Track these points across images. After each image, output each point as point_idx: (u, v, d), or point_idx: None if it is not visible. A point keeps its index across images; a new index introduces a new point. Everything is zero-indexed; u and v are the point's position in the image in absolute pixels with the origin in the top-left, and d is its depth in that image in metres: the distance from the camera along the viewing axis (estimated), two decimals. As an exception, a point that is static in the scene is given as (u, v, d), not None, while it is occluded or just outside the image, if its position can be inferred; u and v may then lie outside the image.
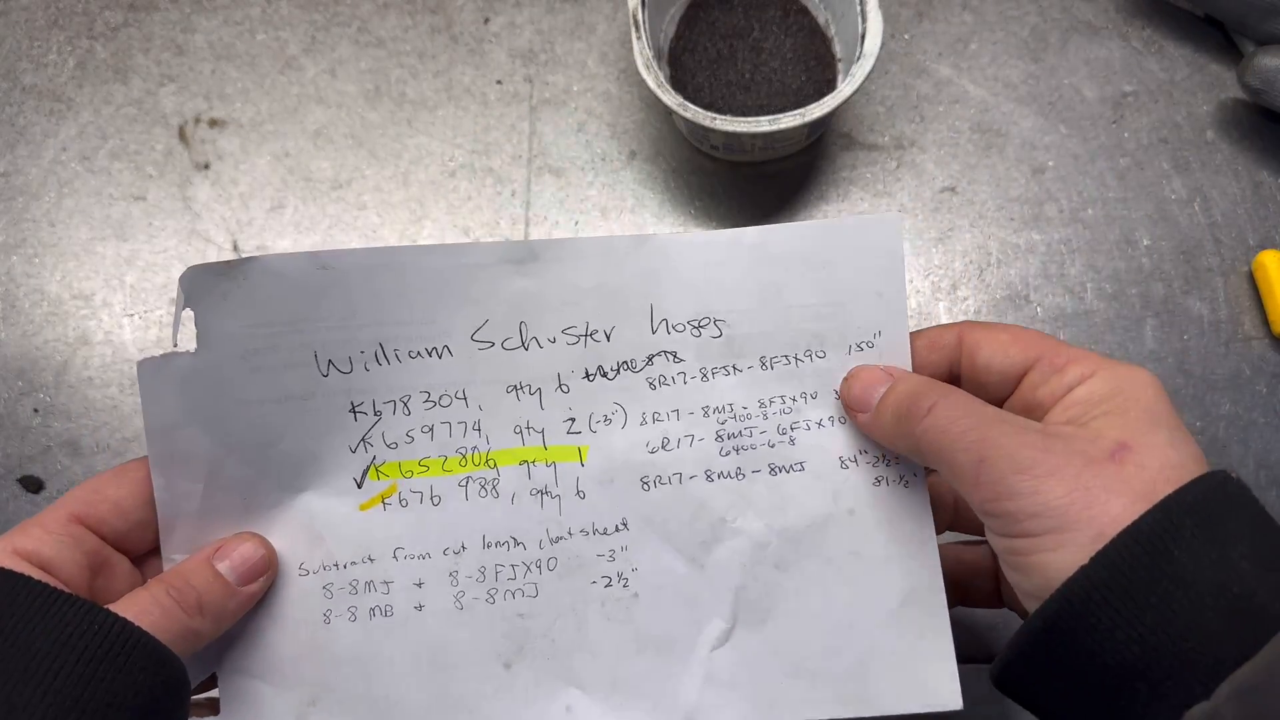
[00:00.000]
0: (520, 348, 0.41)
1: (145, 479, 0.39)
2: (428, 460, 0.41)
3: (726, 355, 0.41)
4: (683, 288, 0.41)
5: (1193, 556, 0.30)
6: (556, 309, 0.41)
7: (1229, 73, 0.61)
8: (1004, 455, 0.33)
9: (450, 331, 0.41)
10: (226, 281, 0.39)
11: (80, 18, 0.64)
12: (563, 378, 0.41)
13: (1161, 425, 0.33)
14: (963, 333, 0.39)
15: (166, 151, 0.61)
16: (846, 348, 0.41)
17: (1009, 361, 0.38)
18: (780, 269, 0.41)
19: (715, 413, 0.41)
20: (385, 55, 0.63)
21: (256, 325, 0.39)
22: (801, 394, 0.41)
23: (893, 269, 0.41)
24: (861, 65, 0.52)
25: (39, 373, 0.57)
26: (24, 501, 0.55)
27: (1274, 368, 0.56)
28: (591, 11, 0.63)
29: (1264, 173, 0.59)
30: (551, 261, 0.41)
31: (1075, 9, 0.63)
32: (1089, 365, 0.36)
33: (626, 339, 0.41)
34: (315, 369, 0.40)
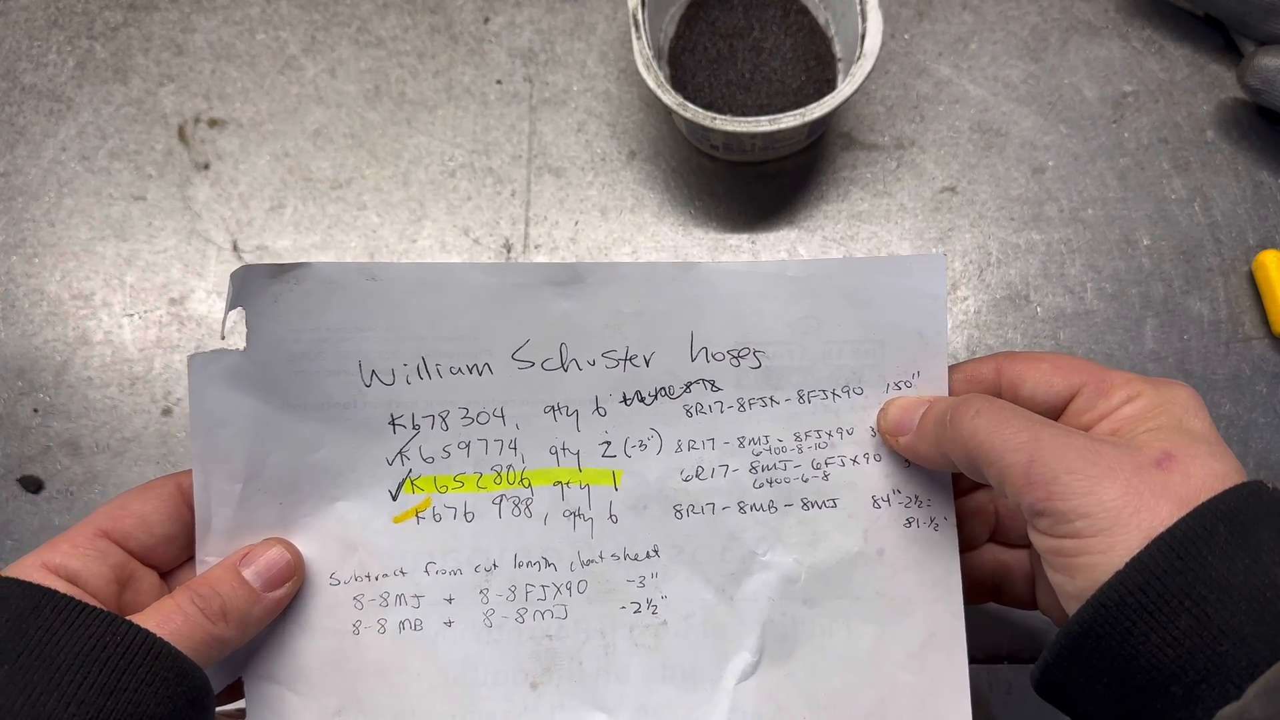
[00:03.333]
0: (560, 369, 0.41)
1: (172, 495, 0.40)
2: (463, 476, 0.41)
3: (764, 386, 0.42)
4: (724, 317, 0.41)
5: (1226, 561, 0.30)
6: (597, 332, 0.41)
7: (1229, 73, 0.61)
8: (1055, 456, 0.33)
9: (492, 349, 0.41)
10: (278, 284, 0.39)
11: (80, 17, 0.64)
12: (600, 401, 0.41)
13: (1203, 438, 0.34)
14: (1001, 365, 0.40)
15: (166, 151, 0.61)
16: (884, 386, 0.41)
17: (1053, 391, 0.38)
18: (822, 303, 0.41)
19: (751, 444, 0.42)
20: (385, 55, 0.63)
21: (305, 330, 0.40)
22: (838, 429, 0.42)
23: (935, 310, 0.41)
24: (861, 65, 0.52)
25: (38, 373, 0.57)
26: (24, 501, 0.55)
27: (1274, 368, 0.56)
28: (591, 11, 0.63)
29: (1264, 173, 0.59)
30: (595, 285, 0.41)
31: (1075, 9, 0.63)
32: (1134, 387, 0.36)
33: (665, 365, 0.41)
34: (359, 378, 0.40)
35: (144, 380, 0.57)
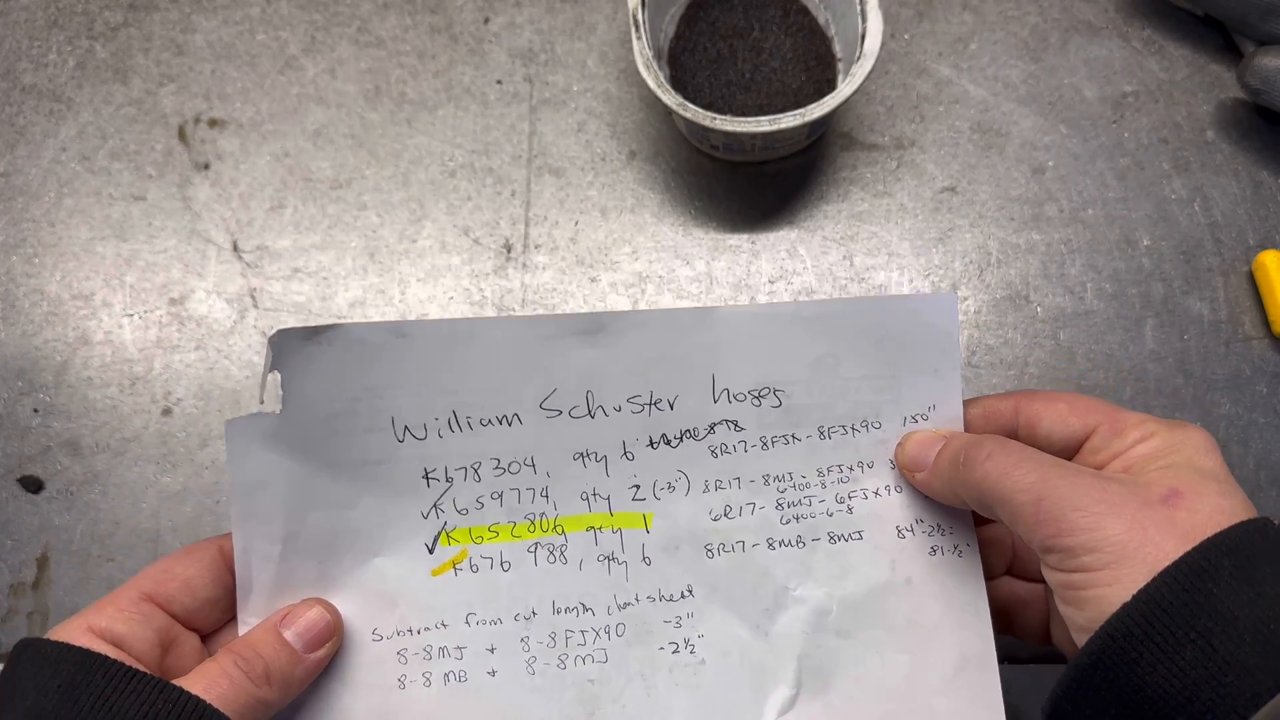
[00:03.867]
0: (587, 416, 0.42)
1: (214, 559, 0.40)
2: (497, 526, 0.42)
3: (785, 424, 0.43)
4: (743, 358, 0.42)
5: (1231, 594, 0.31)
6: (622, 378, 0.42)
7: (1229, 73, 0.61)
8: (1063, 494, 0.34)
9: (520, 400, 0.42)
10: (312, 346, 0.40)
11: (80, 18, 0.64)
12: (628, 445, 0.43)
13: (1212, 477, 0.35)
14: (1019, 404, 0.41)
15: (166, 151, 0.61)
16: (902, 419, 0.43)
17: (1069, 430, 0.39)
18: (839, 342, 0.42)
19: (775, 481, 0.43)
20: (385, 55, 0.63)
21: (339, 390, 0.41)
22: (858, 463, 0.43)
23: (948, 346, 0.42)
24: (861, 65, 0.52)
25: (39, 373, 0.57)
26: (24, 501, 0.55)
27: (1274, 368, 0.56)
28: (591, 11, 0.63)
29: (1264, 173, 0.59)
30: (618, 333, 0.42)
31: (1075, 9, 0.63)
32: (1148, 427, 0.37)
33: (689, 408, 0.42)
34: (392, 434, 0.41)
35: (144, 380, 0.57)
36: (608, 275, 0.58)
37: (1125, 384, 0.56)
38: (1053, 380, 0.56)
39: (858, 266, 0.58)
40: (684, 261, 0.59)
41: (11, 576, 0.54)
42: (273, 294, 0.58)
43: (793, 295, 0.58)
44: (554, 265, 0.59)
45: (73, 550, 0.54)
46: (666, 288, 0.58)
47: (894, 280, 0.58)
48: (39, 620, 0.53)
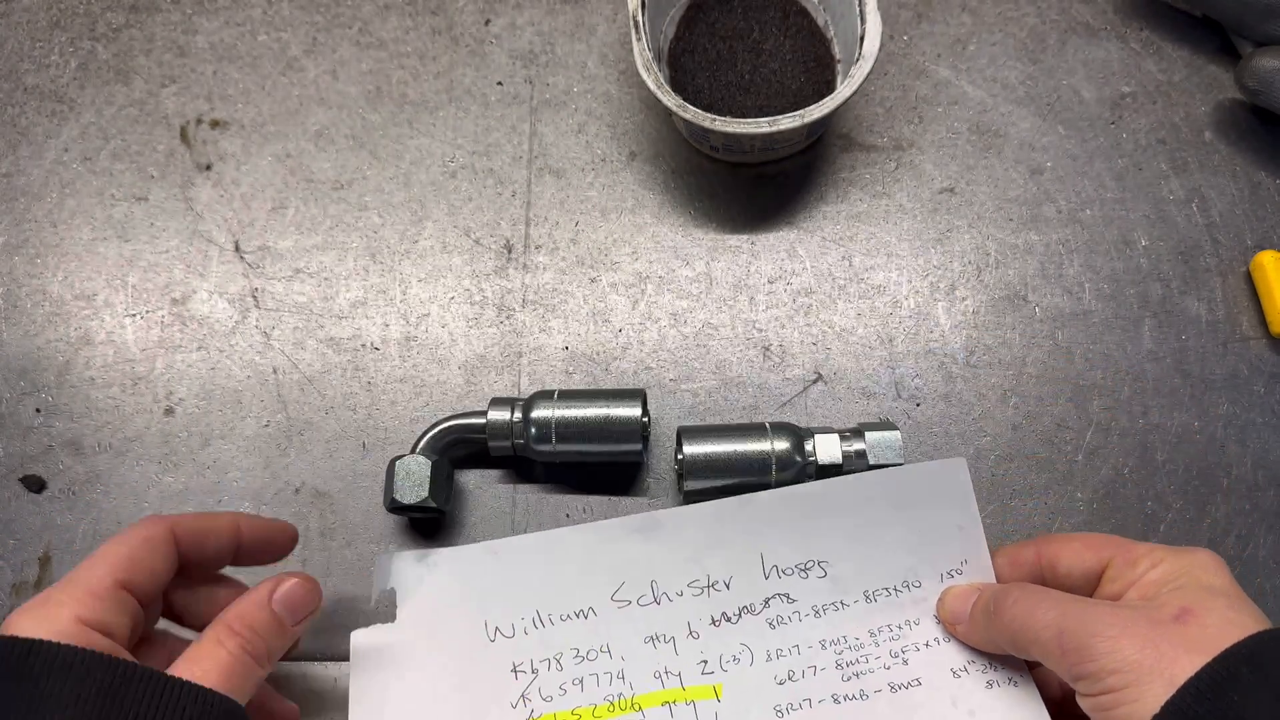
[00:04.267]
0: (653, 603, 0.47)
1: (170, 546, 0.41)
2: (579, 710, 0.46)
3: (833, 592, 0.47)
4: (786, 536, 0.48)
5: (1251, 701, 0.33)
6: (681, 566, 0.48)
7: (1227, 74, 0.61)
8: (1081, 624, 0.38)
9: (593, 596, 0.48)
10: (422, 568, 0.48)
11: (82, 19, 0.64)
12: (692, 625, 0.47)
13: (1221, 593, 0.38)
14: (1039, 548, 0.44)
15: (168, 152, 0.61)
16: (939, 576, 0.47)
17: (1086, 566, 0.42)
18: (869, 512, 0.48)
19: (832, 645, 0.46)
20: (386, 56, 0.63)
21: (443, 603, 0.47)
22: (906, 621, 0.47)
23: (967, 505, 0.47)
24: (860, 67, 0.53)
25: (41, 372, 0.58)
26: (26, 501, 0.55)
27: (1272, 367, 0.56)
28: (592, 13, 0.64)
29: (1262, 173, 0.59)
30: (672, 528, 0.48)
31: (1073, 10, 0.63)
32: (1157, 555, 0.40)
33: (743, 587, 0.47)
34: (485, 636, 0.47)
35: (146, 380, 0.57)
36: (608, 275, 0.59)
37: (1123, 384, 0.56)
38: (1051, 380, 0.56)
39: (856, 267, 0.59)
40: (684, 262, 0.59)
41: (14, 575, 0.54)
42: (274, 294, 0.59)
43: (792, 295, 0.58)
44: (554, 265, 0.59)
45: (75, 549, 0.54)
46: (666, 288, 0.58)
47: (893, 280, 0.58)
48: (41, 619, 0.53)
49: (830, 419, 0.56)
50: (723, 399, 0.56)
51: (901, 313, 0.58)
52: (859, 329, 0.57)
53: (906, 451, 0.54)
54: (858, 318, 0.58)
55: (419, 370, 0.57)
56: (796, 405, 0.56)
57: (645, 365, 0.57)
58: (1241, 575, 0.53)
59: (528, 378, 0.57)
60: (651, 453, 0.55)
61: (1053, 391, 0.56)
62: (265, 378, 0.57)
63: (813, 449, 0.51)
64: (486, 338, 0.58)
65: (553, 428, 0.51)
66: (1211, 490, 0.54)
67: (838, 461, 0.51)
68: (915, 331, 0.57)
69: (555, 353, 0.57)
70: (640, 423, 0.51)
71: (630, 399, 0.51)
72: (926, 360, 0.57)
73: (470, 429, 0.53)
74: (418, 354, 0.57)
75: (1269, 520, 0.54)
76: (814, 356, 0.57)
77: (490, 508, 0.55)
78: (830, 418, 0.56)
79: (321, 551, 0.54)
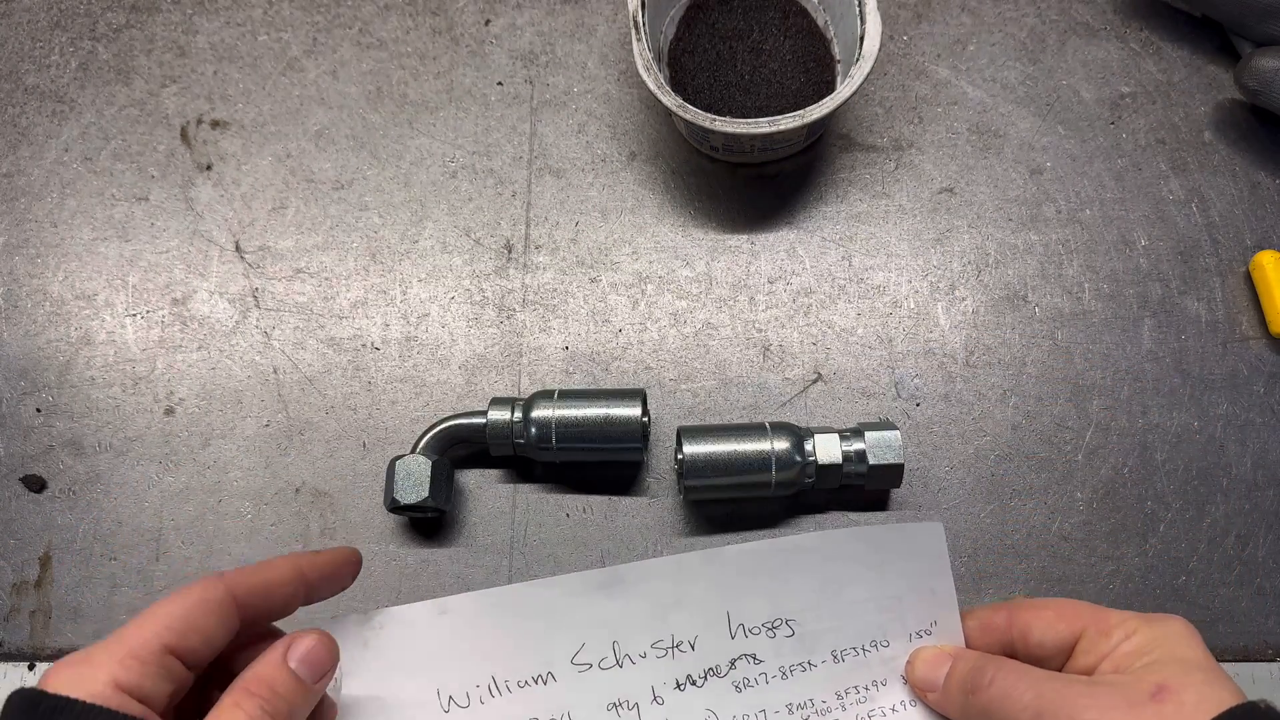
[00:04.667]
0: (615, 666, 0.45)
1: (228, 607, 0.39)
2: None
3: (801, 652, 0.46)
4: (754, 592, 0.46)
5: None
6: (644, 625, 0.45)
7: (1226, 74, 0.62)
8: (1057, 705, 0.37)
9: (552, 658, 0.45)
10: (367, 632, 0.44)
11: (82, 19, 0.64)
12: (656, 690, 0.45)
13: (1196, 667, 0.38)
14: (1011, 615, 0.44)
15: (169, 152, 0.61)
16: (908, 636, 0.46)
17: (1059, 636, 0.42)
18: (840, 569, 0.46)
19: (799, 709, 0.45)
20: (387, 57, 0.63)
21: (390, 670, 0.44)
22: (873, 682, 0.46)
23: (940, 569, 0.46)
24: (860, 67, 0.53)
25: (41, 372, 0.58)
26: (27, 500, 0.55)
27: (1271, 367, 0.56)
28: (592, 13, 0.64)
29: (1261, 173, 0.60)
30: (634, 583, 0.45)
31: (1073, 10, 0.63)
32: (1130, 625, 0.40)
33: (709, 646, 0.45)
34: (439, 707, 0.44)
35: (147, 380, 0.57)
36: (608, 275, 0.59)
37: (1123, 384, 0.56)
38: (1050, 380, 0.56)
39: (856, 267, 0.59)
40: (683, 262, 0.59)
41: (14, 575, 0.54)
42: (275, 294, 0.59)
43: (791, 296, 0.58)
44: (554, 265, 0.59)
45: (75, 549, 0.54)
46: (666, 288, 0.58)
47: (892, 280, 0.58)
48: (41, 619, 0.53)
49: (830, 419, 0.56)
50: (723, 399, 0.56)
51: (901, 313, 0.58)
52: (859, 329, 0.57)
53: (906, 451, 0.54)
54: (857, 318, 0.58)
55: (419, 370, 0.57)
56: (796, 405, 0.56)
57: (645, 365, 0.57)
58: (1241, 575, 0.53)
59: (528, 378, 0.57)
60: (651, 453, 0.56)
61: (1052, 391, 0.56)
62: (266, 378, 0.57)
63: (812, 449, 0.51)
64: (486, 338, 0.58)
65: (553, 428, 0.51)
66: (1211, 490, 0.54)
67: (837, 461, 0.51)
68: (915, 331, 0.57)
69: (555, 353, 0.57)
70: (640, 423, 0.51)
71: (630, 399, 0.52)
72: (926, 360, 0.57)
73: (470, 429, 0.53)
74: (418, 354, 0.57)
75: (1269, 520, 0.54)
76: (814, 356, 0.57)
77: (490, 508, 0.55)
78: (830, 417, 0.56)
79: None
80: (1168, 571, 0.53)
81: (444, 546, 0.54)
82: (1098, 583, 0.53)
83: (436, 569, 0.53)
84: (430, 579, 0.54)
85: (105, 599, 0.54)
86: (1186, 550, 0.53)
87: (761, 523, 0.54)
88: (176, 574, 0.54)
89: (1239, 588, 0.53)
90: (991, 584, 0.53)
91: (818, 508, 0.54)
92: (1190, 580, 0.53)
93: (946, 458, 0.55)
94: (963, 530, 0.54)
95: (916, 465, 0.55)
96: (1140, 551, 0.53)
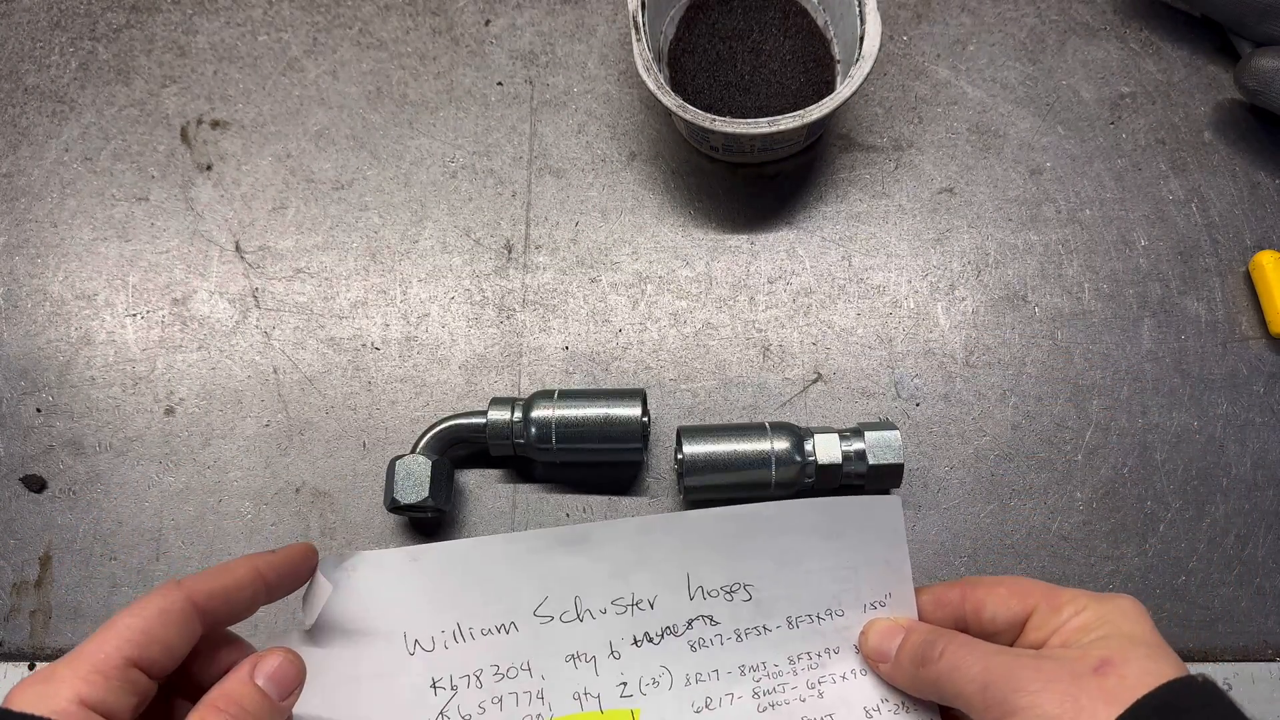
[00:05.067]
0: (576, 620, 0.46)
1: (189, 616, 0.39)
2: None
3: (756, 616, 0.47)
4: (714, 557, 0.47)
5: None
6: (605, 582, 0.47)
7: (1226, 74, 0.62)
8: (1004, 678, 0.38)
9: (516, 609, 0.46)
10: (339, 574, 0.45)
11: (82, 19, 0.64)
12: (614, 645, 0.46)
13: (1141, 642, 0.39)
14: (965, 591, 0.45)
15: (169, 152, 0.61)
16: (862, 606, 0.47)
17: (1011, 612, 0.43)
18: (799, 538, 0.47)
19: (751, 671, 0.46)
20: (387, 57, 0.63)
21: (360, 612, 0.45)
22: (826, 649, 0.47)
23: (896, 543, 0.47)
24: (860, 67, 0.53)
25: (42, 372, 0.58)
26: (27, 500, 0.55)
27: (1271, 367, 0.56)
28: (592, 14, 0.64)
29: (1261, 173, 0.60)
30: (599, 541, 0.47)
31: (1073, 11, 0.63)
32: (1080, 602, 0.41)
33: (668, 606, 0.47)
34: (404, 648, 0.45)
35: (147, 380, 0.57)
36: (608, 275, 0.59)
37: (1123, 384, 0.56)
38: (1050, 380, 0.56)
39: (856, 267, 0.59)
40: (683, 262, 0.59)
41: (14, 575, 0.54)
42: (275, 294, 0.59)
43: (791, 296, 0.58)
44: (554, 265, 0.59)
45: (75, 549, 0.55)
46: (666, 288, 0.58)
47: (892, 280, 0.58)
48: (41, 619, 0.54)
49: (830, 419, 0.56)
50: (722, 399, 0.56)
51: (901, 313, 0.58)
52: (858, 329, 0.57)
53: (906, 451, 0.54)
54: (857, 318, 0.58)
55: (419, 370, 0.57)
56: (796, 405, 0.56)
57: (645, 365, 0.57)
58: (1241, 575, 0.53)
59: (528, 378, 0.57)
60: (651, 452, 0.56)
61: (1052, 391, 0.56)
62: (266, 377, 0.57)
63: (812, 448, 0.51)
64: (486, 338, 0.58)
65: (553, 428, 0.51)
66: (1211, 490, 0.54)
67: (837, 461, 0.51)
68: (915, 331, 0.57)
69: (555, 353, 0.57)
70: (640, 422, 0.51)
71: (630, 399, 0.52)
72: (926, 360, 0.57)
73: (470, 429, 0.53)
74: (418, 354, 0.57)
75: (1268, 520, 0.54)
76: (813, 356, 0.57)
77: (490, 508, 0.55)
78: (830, 417, 0.56)
79: (322, 551, 0.54)
80: (1167, 571, 0.53)
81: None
82: (1097, 583, 0.53)
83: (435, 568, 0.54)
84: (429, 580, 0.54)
85: (105, 599, 0.54)
86: (1186, 550, 0.53)
87: (761, 523, 0.54)
88: (176, 574, 0.54)
89: (1239, 588, 0.53)
90: (991, 584, 0.53)
91: (818, 508, 0.54)
92: (1190, 580, 0.53)
93: (946, 458, 0.55)
94: (963, 530, 0.54)
95: (916, 465, 0.55)
96: (1140, 551, 0.53)
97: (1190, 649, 0.52)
